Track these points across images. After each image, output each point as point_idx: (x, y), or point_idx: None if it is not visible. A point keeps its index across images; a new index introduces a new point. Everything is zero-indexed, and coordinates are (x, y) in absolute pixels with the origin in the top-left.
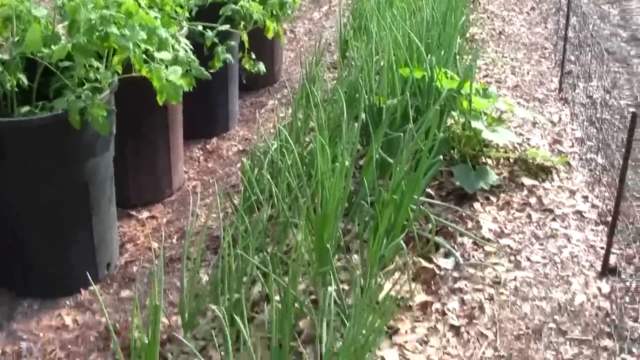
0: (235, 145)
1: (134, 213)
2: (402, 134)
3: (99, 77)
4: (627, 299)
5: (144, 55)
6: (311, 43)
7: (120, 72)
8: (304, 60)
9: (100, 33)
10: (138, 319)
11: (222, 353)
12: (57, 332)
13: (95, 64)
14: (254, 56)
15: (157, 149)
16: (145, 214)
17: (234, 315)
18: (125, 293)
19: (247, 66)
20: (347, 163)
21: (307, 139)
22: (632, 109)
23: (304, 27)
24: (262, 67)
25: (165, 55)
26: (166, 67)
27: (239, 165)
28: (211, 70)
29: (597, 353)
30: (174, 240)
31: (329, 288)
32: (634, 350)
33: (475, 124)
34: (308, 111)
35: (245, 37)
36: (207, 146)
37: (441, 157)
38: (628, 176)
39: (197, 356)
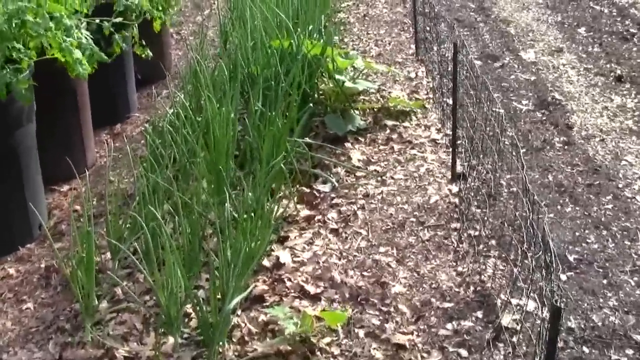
0: (138, 127)
1: (55, 187)
2: (276, 91)
3: (20, 57)
4: (471, 193)
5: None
6: (196, 42)
7: (34, 58)
8: (190, 55)
9: (18, 21)
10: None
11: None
12: (3, 280)
13: (18, 46)
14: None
15: (71, 130)
16: (65, 187)
17: (160, 234)
18: (57, 245)
19: (138, 52)
20: (232, 115)
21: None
22: (477, 62)
23: (188, 30)
24: (149, 52)
25: (72, 40)
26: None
27: (143, 141)
28: (111, 60)
29: (448, 232)
30: (94, 203)
31: (225, 205)
32: (476, 226)
33: (339, 77)
34: (197, 84)
35: (135, 32)
36: (113, 130)
37: (311, 105)
38: (470, 109)
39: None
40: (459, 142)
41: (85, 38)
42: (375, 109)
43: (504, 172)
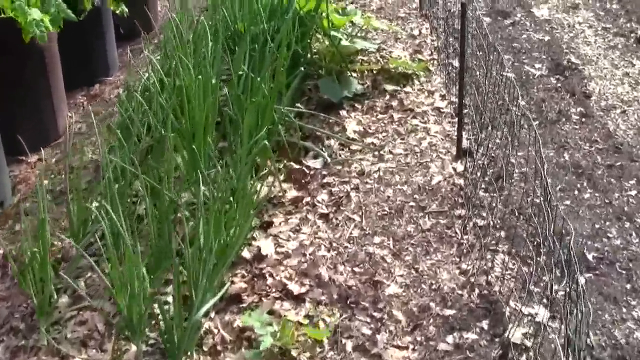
0: (117, 88)
1: (23, 158)
2: (262, 53)
3: None
4: (478, 174)
5: None
6: None
7: None
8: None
9: None
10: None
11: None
12: None
13: None
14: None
15: (39, 94)
16: (34, 158)
17: (120, 230)
18: (19, 227)
19: (111, 7)
20: (213, 80)
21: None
22: (486, 19)
23: None
24: (124, 8)
25: None
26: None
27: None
28: (82, 16)
29: (452, 221)
30: (63, 176)
31: (201, 187)
32: (483, 214)
33: (334, 34)
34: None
35: None
36: (90, 92)
37: (302, 68)
38: (477, 73)
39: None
40: (465, 111)
41: None
42: (374, 71)
43: (514, 148)
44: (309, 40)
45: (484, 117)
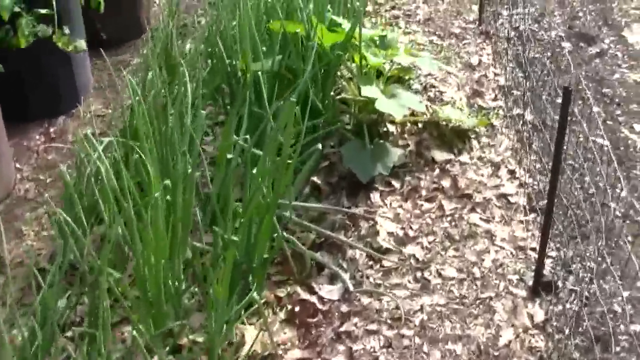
0: (87, 124)
1: None
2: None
3: None
4: (566, 330)
5: None
6: None
7: None
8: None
9: None
10: None
11: None
12: None
13: None
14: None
15: None
16: None
17: None
18: None
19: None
20: (188, 170)
21: None
22: (565, 44)
23: None
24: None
25: None
26: None
27: (84, 155)
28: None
29: None
30: None
31: None
32: None
33: (366, 90)
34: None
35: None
36: (51, 129)
37: (320, 146)
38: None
39: None
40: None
41: None
42: (419, 124)
43: (615, 280)
44: (331, 92)
45: (569, 217)
